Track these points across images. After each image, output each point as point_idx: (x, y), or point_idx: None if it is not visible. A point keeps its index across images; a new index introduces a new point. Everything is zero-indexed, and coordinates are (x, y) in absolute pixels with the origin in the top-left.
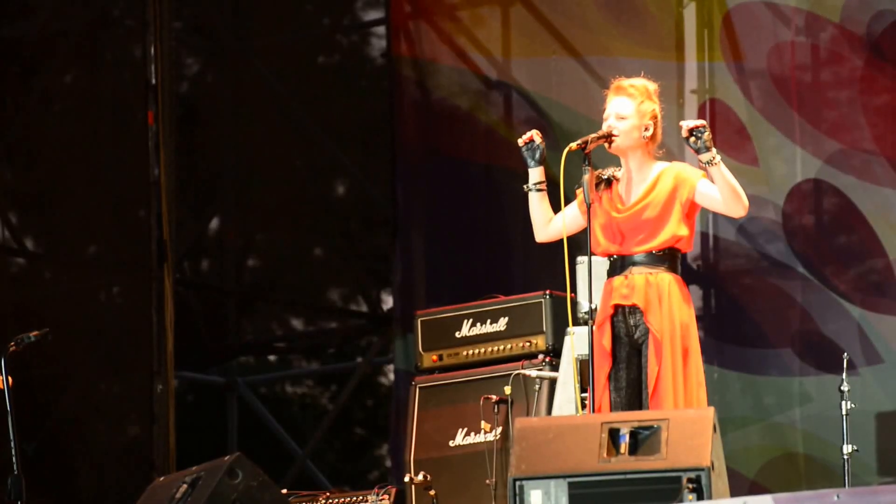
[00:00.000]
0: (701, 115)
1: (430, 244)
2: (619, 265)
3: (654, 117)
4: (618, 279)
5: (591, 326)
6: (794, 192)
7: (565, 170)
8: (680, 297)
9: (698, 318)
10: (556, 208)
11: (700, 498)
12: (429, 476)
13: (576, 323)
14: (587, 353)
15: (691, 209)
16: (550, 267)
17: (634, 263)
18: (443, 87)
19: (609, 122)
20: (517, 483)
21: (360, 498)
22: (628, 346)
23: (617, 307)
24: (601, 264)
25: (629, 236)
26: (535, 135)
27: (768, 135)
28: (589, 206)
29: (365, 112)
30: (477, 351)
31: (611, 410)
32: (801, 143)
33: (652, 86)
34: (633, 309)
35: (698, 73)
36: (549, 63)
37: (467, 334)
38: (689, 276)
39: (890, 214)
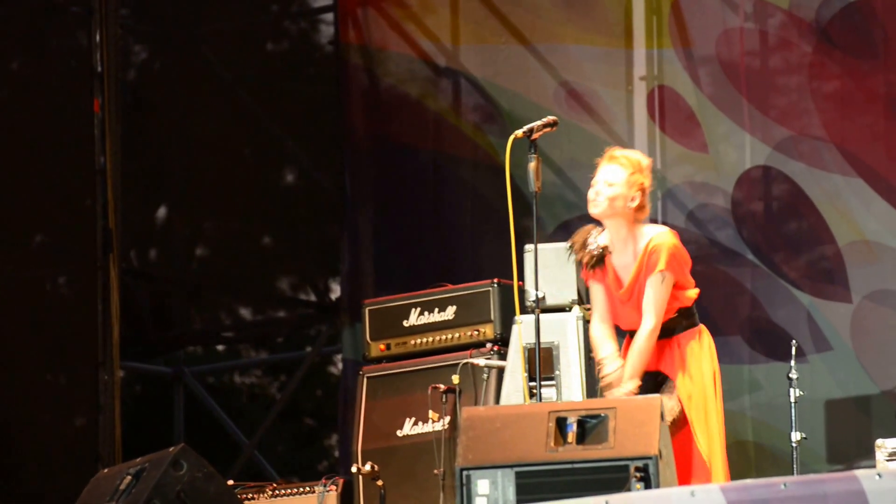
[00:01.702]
0: (650, 102)
1: (378, 232)
2: None
3: (643, 189)
4: None
5: (538, 315)
6: (743, 179)
7: (511, 157)
8: (702, 353)
9: None
10: (502, 193)
11: (648, 486)
12: (376, 466)
13: (524, 311)
14: (534, 342)
15: (677, 284)
16: (498, 255)
17: None
18: (391, 75)
19: (596, 188)
20: (464, 472)
21: (308, 489)
22: (650, 380)
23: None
24: (549, 252)
25: (639, 314)
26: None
27: (717, 121)
28: (536, 194)
29: (314, 100)
30: (425, 340)
31: None
32: (751, 129)
33: (646, 161)
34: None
35: (647, 59)
36: (498, 50)
37: (415, 323)
38: None
39: (839, 201)
